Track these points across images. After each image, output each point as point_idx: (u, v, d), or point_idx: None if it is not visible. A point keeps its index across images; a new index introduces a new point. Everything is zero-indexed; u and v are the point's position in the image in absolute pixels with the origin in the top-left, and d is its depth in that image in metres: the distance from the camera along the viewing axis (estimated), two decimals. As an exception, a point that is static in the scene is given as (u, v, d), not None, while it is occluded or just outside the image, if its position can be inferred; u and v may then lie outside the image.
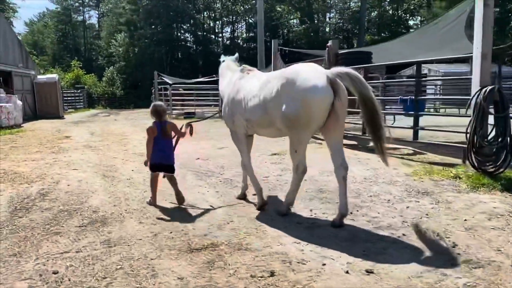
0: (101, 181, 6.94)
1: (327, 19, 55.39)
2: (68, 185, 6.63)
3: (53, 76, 27.46)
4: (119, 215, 5.03)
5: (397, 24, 57.02)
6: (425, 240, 4.01)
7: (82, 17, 70.30)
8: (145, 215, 5.02)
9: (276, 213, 4.91)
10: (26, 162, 8.91)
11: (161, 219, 4.88)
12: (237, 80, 5.21)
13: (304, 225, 4.52)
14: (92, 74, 49.02)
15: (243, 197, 5.67)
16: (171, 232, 4.39)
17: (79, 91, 38.78)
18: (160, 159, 5.44)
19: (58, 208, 5.34)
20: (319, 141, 10.63)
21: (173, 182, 5.55)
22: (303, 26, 51.03)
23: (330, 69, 4.17)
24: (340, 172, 4.37)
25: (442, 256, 3.62)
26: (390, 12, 58.26)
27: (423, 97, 8.22)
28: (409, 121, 9.48)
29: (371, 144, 4.36)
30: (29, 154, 10.09)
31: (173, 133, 5.56)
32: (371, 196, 5.51)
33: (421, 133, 9.24)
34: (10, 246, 4.09)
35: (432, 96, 20.63)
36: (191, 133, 5.67)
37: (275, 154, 8.84)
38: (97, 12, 70.53)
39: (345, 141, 10.25)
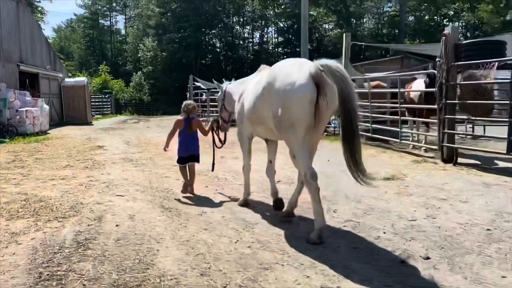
0: (163, 218, 4.77)
1: (361, 23, 52.86)
2: (117, 225, 4.47)
3: (81, 79, 25.80)
4: (220, 302, 2.81)
5: (435, 29, 54.20)
6: None
7: (109, 22, 69.50)
8: (266, 302, 2.80)
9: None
10: (54, 181, 6.85)
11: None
12: (250, 79, 5.10)
13: None
14: (120, 79, 47.58)
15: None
16: None
17: (107, 96, 37.22)
18: (186, 152, 5.96)
19: (110, 279, 3.16)
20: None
21: (192, 177, 6.01)
22: (338, 30, 48.66)
23: (314, 62, 3.70)
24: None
25: None
26: (427, 17, 55.53)
27: None
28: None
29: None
30: (57, 169, 8.06)
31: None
32: None
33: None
34: None
35: None
36: (217, 130, 5.99)
37: (388, 178, 6.52)
38: (124, 17, 69.66)
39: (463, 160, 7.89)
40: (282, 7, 52.96)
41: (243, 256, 3.61)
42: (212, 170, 6.33)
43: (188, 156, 5.94)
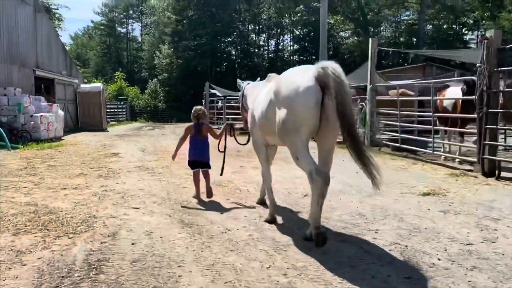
0: (183, 235, 4.29)
1: (378, 31, 52.13)
2: (133, 243, 4.01)
3: (97, 85, 25.65)
4: None
5: (454, 38, 53.33)
6: None
7: (125, 29, 69.96)
8: None
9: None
10: (66, 191, 6.45)
11: None
12: (259, 89, 4.98)
13: None
14: (135, 86, 47.59)
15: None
16: None
17: (122, 103, 37.09)
18: (196, 157, 5.95)
19: (126, 313, 2.68)
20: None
21: (207, 179, 5.97)
22: (355, 38, 48.11)
23: (316, 65, 3.74)
24: None
25: None
26: (445, 26, 54.63)
27: None
28: None
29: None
30: (70, 178, 7.67)
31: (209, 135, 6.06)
32: None
33: None
34: None
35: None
36: (231, 134, 5.85)
37: (428, 194, 5.94)
38: (140, 24, 70.04)
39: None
40: (299, 14, 52.62)
41: (278, 286, 3.11)
42: (221, 174, 6.03)
43: (194, 161, 5.96)
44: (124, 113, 36.72)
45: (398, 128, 10.27)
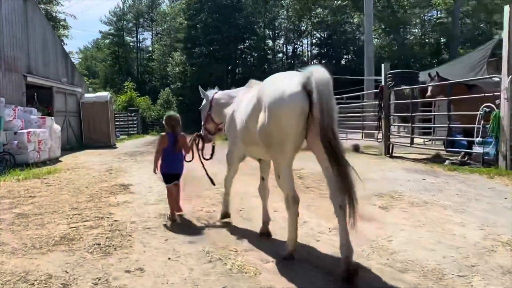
0: None
1: (409, 31, 48.41)
2: None
3: (104, 94, 22.21)
4: None
5: (487, 37, 49.47)
6: None
7: (135, 39, 66.97)
8: None
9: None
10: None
11: None
12: (240, 96, 4.61)
13: None
14: (146, 96, 44.34)
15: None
16: None
17: (133, 114, 33.74)
18: (171, 170, 5.36)
19: None
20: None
21: (176, 193, 5.43)
22: (382, 39, 44.46)
23: (305, 71, 3.31)
24: (337, 199, 3.24)
25: None
26: (471, 24, 50.88)
27: None
28: None
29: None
30: (42, 250, 4.16)
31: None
32: None
33: None
34: None
35: None
36: (199, 144, 5.39)
37: None
38: (150, 33, 67.00)
39: None
40: (319, 16, 49.25)
41: None
42: (214, 184, 5.54)
43: (170, 174, 5.34)
44: (135, 125, 33.39)
45: None
